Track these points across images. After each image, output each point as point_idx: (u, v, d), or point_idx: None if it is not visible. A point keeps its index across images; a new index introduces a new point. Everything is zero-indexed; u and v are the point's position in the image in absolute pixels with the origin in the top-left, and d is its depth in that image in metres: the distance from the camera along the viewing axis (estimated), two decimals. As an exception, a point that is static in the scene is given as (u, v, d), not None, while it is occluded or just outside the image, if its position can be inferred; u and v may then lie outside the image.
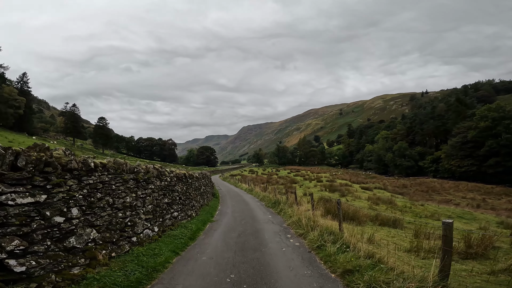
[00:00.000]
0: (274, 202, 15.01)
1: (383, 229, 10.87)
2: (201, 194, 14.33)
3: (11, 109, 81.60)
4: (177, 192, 9.28)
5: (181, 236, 7.75)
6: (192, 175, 12.27)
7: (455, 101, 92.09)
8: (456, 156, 77.01)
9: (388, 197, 28.33)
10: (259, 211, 14.01)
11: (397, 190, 43.81)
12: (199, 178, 14.82)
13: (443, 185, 56.16)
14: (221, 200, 20.03)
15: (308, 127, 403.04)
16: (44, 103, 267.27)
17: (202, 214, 11.96)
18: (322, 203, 18.03)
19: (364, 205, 20.07)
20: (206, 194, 16.49)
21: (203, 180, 16.46)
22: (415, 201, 28.45)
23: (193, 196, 11.67)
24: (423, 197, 39.72)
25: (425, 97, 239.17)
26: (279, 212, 12.84)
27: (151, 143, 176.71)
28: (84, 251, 4.57)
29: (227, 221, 11.29)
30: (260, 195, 20.87)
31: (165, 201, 8.12)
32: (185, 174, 10.78)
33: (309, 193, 27.07)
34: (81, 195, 4.72)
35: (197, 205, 12.08)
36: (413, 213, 18.94)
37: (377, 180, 60.84)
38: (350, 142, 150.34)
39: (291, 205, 13.05)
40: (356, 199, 23.48)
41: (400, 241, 8.53)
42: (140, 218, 6.42)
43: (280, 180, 44.56)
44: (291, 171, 73.54)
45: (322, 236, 6.92)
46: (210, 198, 18.06)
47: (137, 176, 6.75)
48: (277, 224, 10.22)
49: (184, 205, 9.80)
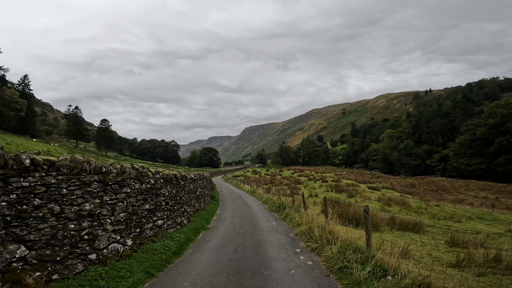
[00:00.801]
0: (279, 206, 13.51)
1: (404, 235, 9.38)
2: (197, 198, 12.97)
3: (12, 111, 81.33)
4: (163, 196, 7.90)
5: (163, 250, 6.33)
6: (185, 177, 10.88)
7: (462, 98, 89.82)
8: (465, 154, 74.83)
9: (398, 197, 26.75)
10: (262, 216, 12.59)
11: (406, 190, 42.09)
12: (195, 179, 13.46)
13: (453, 184, 54.19)
14: (221, 203, 18.64)
15: (311, 127, 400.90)
16: (48, 106, 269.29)
17: (196, 221, 10.64)
18: (330, 206, 16.59)
19: (375, 206, 18.58)
20: (204, 197, 15.12)
21: (200, 182, 15.10)
22: (427, 201, 26.81)
23: (186, 200, 10.29)
24: (433, 196, 38.02)
25: (429, 95, 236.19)
26: (284, 217, 11.37)
27: (154, 144, 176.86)
28: (3, 273, 3.25)
29: (224, 229, 9.91)
30: (263, 197, 19.40)
31: (145, 207, 6.73)
32: (175, 175, 9.42)
33: (315, 194, 25.64)
34: (4, 201, 3.38)
35: (190, 210, 10.69)
36: (430, 214, 17.42)
37: (384, 180, 59.08)
38: (354, 142, 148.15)
39: (297, 209, 11.54)
40: (366, 200, 21.94)
41: (435, 251, 7.06)
42: (105, 230, 5.06)
43: (284, 180, 43.08)
44: (294, 172, 71.99)
45: (344, 253, 5.34)
46: (208, 201, 16.66)
47: (106, 178, 5.40)
48: (282, 233, 8.75)
49: (172, 211, 8.42)
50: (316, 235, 6.81)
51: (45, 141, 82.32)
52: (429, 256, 6.10)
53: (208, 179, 20.58)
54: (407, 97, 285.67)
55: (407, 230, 10.83)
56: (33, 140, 65.28)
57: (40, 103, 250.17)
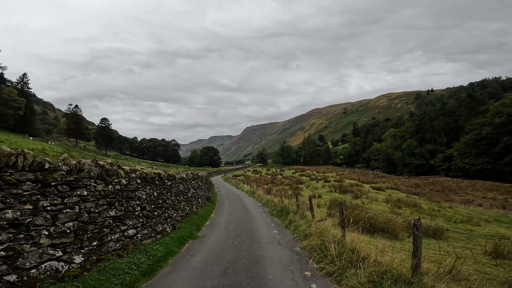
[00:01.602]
0: (281, 210, 11.89)
1: (430, 244, 7.97)
2: (188, 200, 11.56)
3: (10, 110, 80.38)
4: (138, 200, 6.49)
5: (129, 270, 4.90)
6: (172, 176, 9.46)
7: (466, 97, 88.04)
8: (470, 154, 73.22)
9: (405, 198, 25.32)
10: (261, 222, 11.14)
11: (411, 190, 40.66)
12: (187, 179, 12.07)
13: (459, 184, 52.71)
14: (217, 205, 17.18)
15: (312, 126, 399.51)
16: (49, 105, 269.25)
17: (184, 228, 9.17)
18: (335, 208, 15.16)
19: (384, 208, 17.20)
20: (197, 199, 13.72)
21: (194, 182, 13.70)
22: (437, 203, 25.37)
23: (172, 204, 8.87)
24: (440, 197, 36.61)
25: (431, 95, 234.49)
26: (287, 225, 9.79)
27: (154, 144, 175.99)
28: None
29: (216, 238, 8.45)
30: (263, 199, 17.92)
31: (110, 214, 5.34)
32: (159, 174, 8.02)
33: (318, 195, 24.23)
34: None
35: (177, 215, 9.29)
36: (444, 217, 16.01)
37: (387, 180, 57.63)
38: (356, 141, 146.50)
39: (303, 215, 10.07)
40: (373, 202, 20.52)
41: (479, 264, 5.65)
42: (37, 244, 3.69)
43: (285, 180, 41.68)
44: (296, 171, 70.61)
45: (380, 283, 3.79)
46: (202, 203, 15.23)
47: (48, 177, 4.04)
48: (286, 246, 7.16)
49: (151, 218, 7.01)
50: (333, 253, 5.19)
51: (43, 140, 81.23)
52: (477, 273, 4.72)
53: (204, 179, 19.19)
54: (409, 96, 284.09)
55: (427, 236, 9.45)
56: (29, 139, 64.04)
57: (41, 102, 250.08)
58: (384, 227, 8.62)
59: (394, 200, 20.36)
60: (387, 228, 8.58)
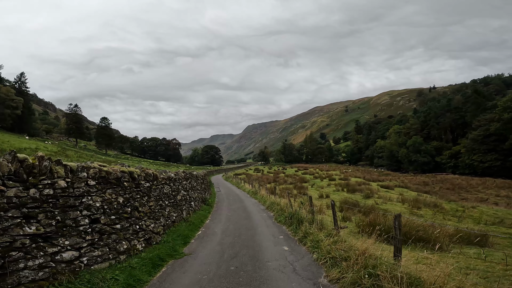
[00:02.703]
0: (290, 216, 9.61)
1: (487, 256, 6.05)
2: (176, 205, 9.58)
3: (8, 109, 79.05)
4: (86, 210, 4.61)
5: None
6: (153, 176, 7.44)
7: (473, 93, 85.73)
8: (478, 151, 70.99)
9: (417, 197, 23.36)
10: (266, 232, 9.00)
11: (421, 189, 38.70)
12: (176, 179, 10.17)
13: (469, 182, 50.67)
14: (215, 209, 15.16)
15: (313, 124, 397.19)
16: (50, 105, 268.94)
17: (165, 242, 7.17)
18: (349, 210, 13.17)
19: (402, 209, 15.30)
20: (189, 203, 11.79)
21: (186, 182, 11.79)
22: (452, 201, 23.41)
23: (149, 211, 6.94)
24: (452, 196, 34.67)
25: (433, 92, 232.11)
26: (302, 238, 7.52)
27: (155, 143, 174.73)
28: None
29: (205, 259, 6.33)
30: (266, 201, 15.86)
31: (26, 230, 3.44)
32: (130, 173, 6.06)
33: (325, 195, 22.28)
34: None
35: (156, 226, 7.27)
36: (472, 219, 14.11)
37: (393, 178, 55.63)
38: (359, 138, 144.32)
39: (321, 225, 7.64)
40: (387, 202, 18.56)
41: None
42: None
43: (288, 179, 39.78)
44: (298, 169, 68.70)
45: None
46: (197, 207, 13.21)
47: None
48: (305, 276, 4.97)
49: (108, 234, 5.12)
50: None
51: (41, 140, 79.69)
52: None
53: (201, 178, 17.25)
54: (411, 94, 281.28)
55: (469, 243, 7.56)
56: (25, 138, 62.49)
57: (42, 102, 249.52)
58: (424, 236, 6.67)
59: (410, 200, 18.41)
60: (426, 238, 6.65)
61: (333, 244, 5.51)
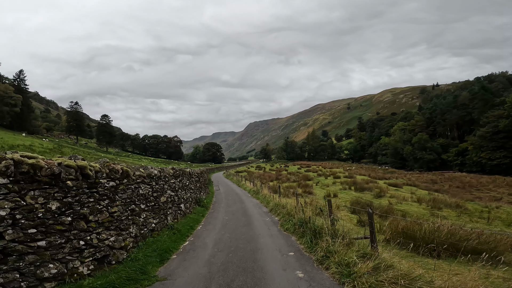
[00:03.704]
0: (300, 224, 7.65)
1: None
2: (159, 208, 8.00)
3: (6, 107, 78.02)
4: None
5: None
6: (123, 173, 6.03)
7: (480, 89, 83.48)
8: (486, 148, 69.08)
9: (429, 196, 21.77)
10: (272, 246, 7.10)
11: (430, 187, 37.09)
12: (162, 177, 8.61)
13: (478, 180, 48.94)
14: (210, 212, 13.41)
15: (315, 122, 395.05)
16: (52, 103, 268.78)
17: (133, 259, 5.57)
18: (363, 213, 11.54)
19: (419, 210, 13.79)
20: (178, 205, 10.13)
21: (175, 181, 10.18)
22: (469, 201, 21.76)
23: (110, 220, 5.39)
24: (464, 194, 33.06)
25: (436, 89, 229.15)
26: (322, 258, 5.64)
27: (156, 140, 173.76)
28: None
29: None
30: (269, 202, 14.19)
31: None
32: (81, 168, 4.43)
33: (333, 194, 20.73)
34: None
35: (122, 238, 5.69)
36: (501, 220, 12.58)
37: (399, 175, 53.99)
38: (362, 136, 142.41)
39: (348, 239, 5.80)
40: (402, 202, 16.99)
41: None
42: None
43: (291, 177, 38.25)
44: (301, 167, 67.17)
45: None
46: (187, 210, 11.52)
47: None
48: None
49: (19, 255, 3.64)
50: None
51: (40, 137, 78.51)
52: None
53: (196, 176, 15.69)
54: (414, 91, 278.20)
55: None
56: (22, 135, 61.28)
57: (44, 101, 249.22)
58: (478, 247, 5.11)
59: (427, 200, 16.84)
60: (481, 249, 5.09)
61: (376, 273, 3.85)
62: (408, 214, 11.89)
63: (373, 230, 5.00)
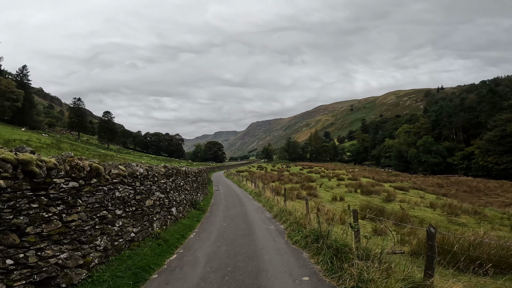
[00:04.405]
0: (316, 237, 6.31)
1: None
2: (142, 214, 6.74)
3: (8, 101, 77.54)
4: None
5: None
6: (91, 171, 4.88)
7: (488, 92, 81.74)
8: (493, 152, 67.52)
9: (439, 201, 20.54)
10: (280, 268, 5.57)
11: (437, 191, 35.83)
12: (149, 176, 7.39)
13: (486, 185, 47.52)
14: (207, 216, 12.09)
15: (318, 123, 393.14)
16: (56, 99, 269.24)
17: (97, 282, 4.40)
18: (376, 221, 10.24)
19: (435, 216, 12.62)
20: (169, 209, 8.85)
21: (166, 181, 8.98)
22: (481, 206, 20.46)
23: (59, 232, 4.08)
24: (472, 199, 31.76)
25: (441, 92, 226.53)
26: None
27: (158, 138, 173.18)
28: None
29: None
30: (273, 206, 12.67)
31: None
32: (25, 164, 3.37)
33: (339, 197, 19.52)
34: None
35: (81, 254, 4.51)
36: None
37: (404, 178, 52.62)
38: (365, 138, 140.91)
39: (388, 265, 4.20)
40: (415, 207, 15.78)
41: None
42: None
43: (293, 178, 37.11)
44: (303, 168, 66.00)
45: None
46: (180, 214, 10.32)
47: None
48: None
49: None
50: None
51: (40, 132, 77.89)
52: None
53: (193, 176, 14.51)
54: (418, 94, 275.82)
55: None
56: (21, 130, 60.59)
57: (49, 97, 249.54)
58: None
59: (442, 205, 15.60)
60: None
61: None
62: (424, 221, 10.76)
63: (433, 256, 3.73)
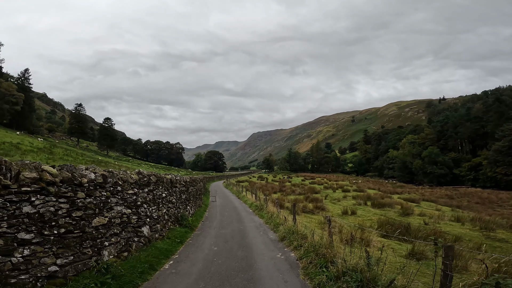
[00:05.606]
0: (354, 279, 4.09)
1: None
2: (79, 240, 4.72)
3: (7, 104, 76.36)
4: None
5: None
6: None
7: (495, 101, 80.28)
8: (502, 163, 65.33)
9: (455, 214, 18.47)
10: None
11: (450, 203, 33.55)
12: (104, 185, 5.38)
13: (498, 196, 45.25)
14: (195, 235, 9.82)
15: (319, 134, 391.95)
16: (59, 105, 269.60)
17: None
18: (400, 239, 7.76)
19: (467, 232, 10.67)
20: (138, 228, 6.66)
21: (137, 192, 6.74)
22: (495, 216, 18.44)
23: None
24: (486, 210, 29.62)
25: (442, 103, 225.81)
26: None
27: (158, 146, 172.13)
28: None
29: None
30: (278, 225, 10.24)
31: None
32: None
33: (351, 211, 17.30)
34: None
35: None
36: None
37: (410, 190, 50.28)
38: (367, 149, 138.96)
39: None
40: (440, 222, 13.75)
41: None
42: None
43: (296, 189, 35.03)
44: (305, 178, 63.86)
45: None
46: (157, 233, 8.14)
47: None
48: None
49: None
50: None
51: (37, 137, 76.37)
52: None
53: (183, 185, 12.25)
54: (420, 105, 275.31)
55: None
56: (16, 133, 59.06)
57: (52, 102, 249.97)
58: None
59: (469, 219, 13.58)
60: None
61: None
62: (461, 239, 8.85)
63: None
